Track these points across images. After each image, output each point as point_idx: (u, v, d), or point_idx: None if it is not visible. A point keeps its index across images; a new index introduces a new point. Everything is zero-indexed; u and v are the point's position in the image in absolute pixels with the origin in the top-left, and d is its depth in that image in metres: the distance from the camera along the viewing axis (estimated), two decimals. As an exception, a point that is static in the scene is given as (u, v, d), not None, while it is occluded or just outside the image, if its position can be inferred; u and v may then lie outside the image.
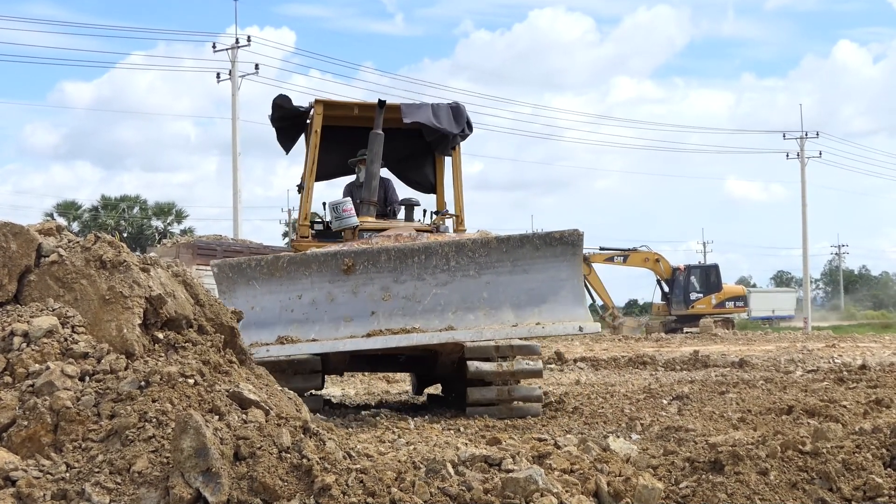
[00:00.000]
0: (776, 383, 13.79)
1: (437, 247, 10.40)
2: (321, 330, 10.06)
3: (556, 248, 10.40)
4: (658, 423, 9.45)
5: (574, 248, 10.49)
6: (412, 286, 10.31)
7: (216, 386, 5.62)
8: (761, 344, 31.80)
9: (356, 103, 14.03)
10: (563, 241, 10.42)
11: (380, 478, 5.11)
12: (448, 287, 10.30)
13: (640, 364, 20.26)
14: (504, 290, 10.32)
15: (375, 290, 10.32)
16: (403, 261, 10.31)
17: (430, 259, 10.31)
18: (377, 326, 10.18)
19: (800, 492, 5.74)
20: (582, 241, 10.61)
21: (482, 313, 10.25)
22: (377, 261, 10.32)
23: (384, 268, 10.31)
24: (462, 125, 13.21)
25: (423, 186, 14.55)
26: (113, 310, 5.96)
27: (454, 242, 10.48)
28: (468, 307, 10.29)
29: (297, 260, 10.49)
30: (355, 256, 10.33)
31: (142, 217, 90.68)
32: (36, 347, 5.63)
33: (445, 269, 10.31)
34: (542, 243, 10.43)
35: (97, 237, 6.27)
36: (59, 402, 5.28)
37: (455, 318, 10.24)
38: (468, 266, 10.32)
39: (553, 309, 10.28)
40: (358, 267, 10.33)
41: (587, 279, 52.80)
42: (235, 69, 55.09)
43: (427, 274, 10.31)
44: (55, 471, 5.03)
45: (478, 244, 10.41)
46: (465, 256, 10.34)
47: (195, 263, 35.07)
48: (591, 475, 5.78)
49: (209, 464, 4.82)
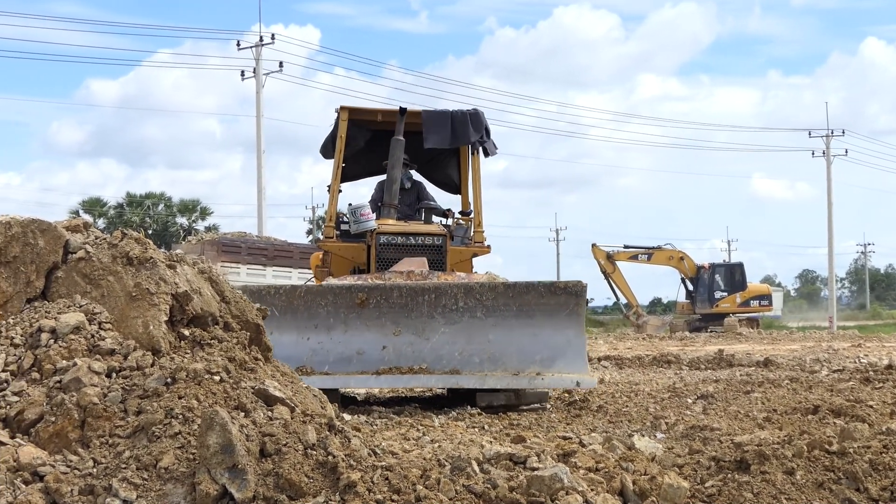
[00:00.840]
0: (802, 383, 13.73)
1: (446, 287, 10.89)
2: (335, 362, 10.39)
3: (560, 297, 10.86)
4: (683, 422, 9.42)
5: (577, 298, 10.90)
6: (422, 324, 10.73)
7: (242, 383, 5.63)
8: (786, 343, 31.70)
9: (379, 110, 14.58)
10: (567, 290, 10.92)
11: (405, 475, 5.11)
12: (456, 327, 10.73)
13: (665, 363, 20.20)
14: (508, 333, 10.76)
15: (387, 324, 10.75)
16: (414, 298, 10.77)
17: (440, 299, 10.78)
18: (388, 360, 10.60)
19: (826, 492, 5.72)
20: (585, 292, 11.01)
21: (486, 357, 10.68)
22: (389, 297, 10.77)
23: (396, 304, 10.75)
24: (480, 132, 13.70)
25: (449, 187, 15.23)
26: (139, 306, 5.98)
27: (463, 285, 10.99)
28: (474, 348, 10.71)
29: (314, 291, 10.98)
30: (369, 291, 10.80)
31: (167, 214, 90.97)
32: (63, 344, 5.66)
33: (454, 310, 10.76)
34: (547, 291, 10.90)
35: (124, 234, 6.30)
36: (86, 399, 5.29)
37: (461, 358, 10.66)
38: (475, 308, 10.77)
39: (554, 358, 10.73)
40: (371, 301, 10.78)
41: (611, 277, 52.89)
42: (260, 67, 55.31)
43: (437, 313, 10.75)
44: (82, 466, 5.05)
45: (485, 288, 10.92)
46: (473, 298, 10.81)
47: (220, 260, 35.25)
48: (617, 474, 5.77)
49: (235, 460, 4.84)
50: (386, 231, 12.78)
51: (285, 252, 40.86)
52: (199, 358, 5.79)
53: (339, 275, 13.34)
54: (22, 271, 6.01)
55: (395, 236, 12.75)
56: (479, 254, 13.71)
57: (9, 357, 5.66)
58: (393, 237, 12.73)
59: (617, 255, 53.51)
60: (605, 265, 53.04)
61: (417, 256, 12.54)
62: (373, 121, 14.10)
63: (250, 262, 39.00)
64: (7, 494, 4.87)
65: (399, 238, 12.74)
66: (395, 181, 13.33)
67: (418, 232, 12.90)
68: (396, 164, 13.30)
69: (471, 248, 13.61)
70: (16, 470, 5.03)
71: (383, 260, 12.59)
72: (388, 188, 13.40)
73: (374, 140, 14.08)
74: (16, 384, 5.52)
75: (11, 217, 6.07)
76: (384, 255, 12.63)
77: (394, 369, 10.42)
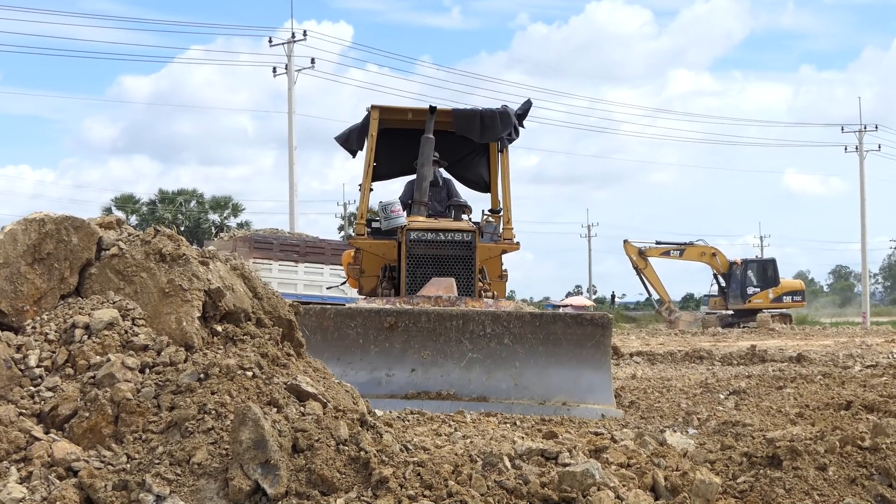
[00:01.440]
0: (834, 378, 13.67)
1: (474, 314, 10.88)
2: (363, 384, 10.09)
3: (587, 328, 10.83)
4: (715, 418, 9.40)
5: (603, 329, 10.85)
6: (450, 349, 10.73)
7: (274, 378, 5.66)
8: (819, 339, 31.58)
9: (410, 109, 14.73)
10: (594, 322, 10.92)
11: (437, 471, 5.12)
12: (483, 352, 10.71)
13: (697, 358, 20.15)
14: (535, 361, 10.71)
15: (416, 348, 10.75)
16: (443, 323, 10.77)
17: (468, 325, 10.78)
18: (416, 384, 10.62)
19: (859, 487, 5.70)
20: (611, 325, 11.06)
21: (513, 384, 10.63)
22: (418, 321, 10.78)
23: (424, 328, 10.76)
24: (509, 129, 13.77)
25: (479, 185, 15.26)
26: (172, 302, 6.01)
27: (491, 313, 10.99)
28: (501, 375, 10.67)
29: (343, 313, 11.00)
30: (398, 315, 10.80)
31: (199, 211, 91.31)
32: (97, 340, 5.68)
33: (482, 335, 10.75)
34: (574, 322, 10.97)
35: (157, 230, 6.34)
36: (119, 394, 5.33)
37: (488, 383, 10.62)
38: (503, 335, 10.78)
39: (579, 389, 10.65)
40: (400, 325, 10.77)
41: (643, 273, 52.84)
42: (292, 63, 55.47)
43: (465, 338, 10.74)
44: (116, 462, 5.09)
45: (513, 316, 10.93)
46: (500, 325, 10.79)
47: (252, 257, 35.30)
48: (648, 469, 5.76)
49: (268, 456, 4.86)
50: (416, 227, 12.84)
51: (317, 248, 40.86)
52: (231, 354, 5.81)
53: (371, 272, 13.56)
54: (56, 268, 6.02)
55: (425, 232, 12.78)
56: (508, 250, 13.72)
57: (43, 353, 5.68)
58: (423, 233, 12.77)
59: (649, 251, 53.49)
60: (637, 261, 53.03)
61: (447, 252, 12.68)
62: (403, 119, 14.25)
63: (282, 258, 39.00)
64: (42, 489, 4.91)
65: (429, 234, 12.77)
66: (425, 179, 13.46)
67: (448, 228, 12.91)
68: (426, 162, 13.42)
69: (500, 244, 13.63)
70: (50, 465, 5.07)
71: (413, 256, 12.68)
72: (417, 186, 13.53)
73: (405, 139, 14.15)
74: (50, 380, 5.55)
75: (45, 214, 6.09)
76: (414, 252, 12.69)
77: (422, 394, 10.45)
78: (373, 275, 13.56)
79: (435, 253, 12.71)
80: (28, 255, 5.94)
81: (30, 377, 5.57)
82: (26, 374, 5.57)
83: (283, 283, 36.01)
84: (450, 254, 12.74)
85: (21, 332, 5.83)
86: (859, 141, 73.95)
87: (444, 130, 13.92)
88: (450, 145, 14.22)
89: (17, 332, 5.83)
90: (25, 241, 5.94)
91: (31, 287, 5.96)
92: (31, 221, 6.02)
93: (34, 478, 4.98)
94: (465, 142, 14.23)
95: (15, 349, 5.67)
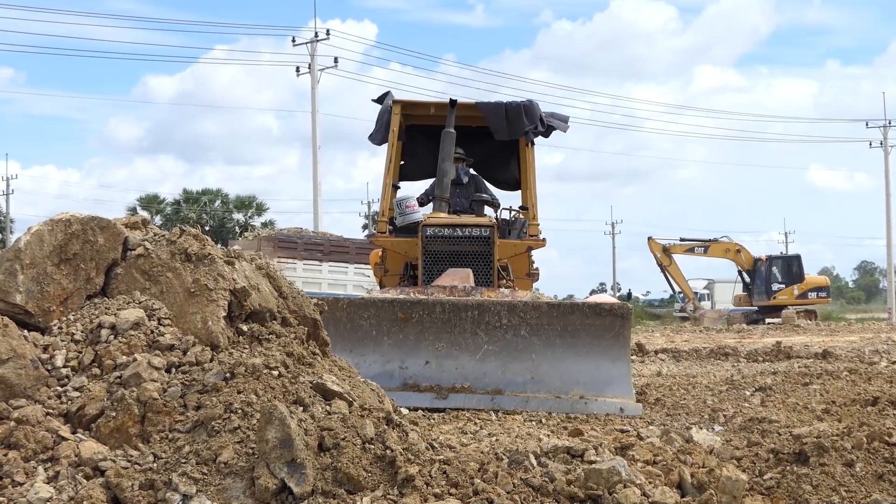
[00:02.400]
0: (861, 374, 13.61)
1: (490, 305, 10.51)
2: (377, 376, 9.78)
3: (605, 318, 10.47)
4: (741, 415, 9.37)
5: (622, 320, 10.50)
6: (465, 340, 10.39)
7: (300, 377, 5.67)
8: (845, 335, 31.46)
9: (432, 103, 14.30)
10: (613, 313, 10.54)
11: (463, 469, 5.13)
12: (499, 344, 10.37)
13: (722, 355, 20.09)
14: (552, 353, 10.39)
15: (430, 340, 10.49)
16: (458, 314, 10.43)
17: (483, 315, 10.42)
18: (431, 376, 10.35)
19: (886, 483, 5.69)
20: (630, 315, 10.73)
21: (529, 376, 10.30)
22: (432, 312, 10.44)
23: (439, 319, 10.42)
24: (534, 122, 13.47)
25: (508, 184, 14.93)
26: (198, 302, 6.04)
27: (507, 303, 10.62)
28: (517, 367, 10.34)
29: (356, 304, 10.76)
30: (411, 306, 10.49)
31: (223, 210, 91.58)
32: (123, 339, 5.71)
33: (497, 327, 10.39)
34: (592, 313, 10.51)
35: (182, 230, 6.36)
36: (146, 394, 5.35)
37: (503, 376, 10.29)
38: (519, 326, 10.40)
39: (598, 382, 10.33)
40: (414, 316, 10.48)
41: (668, 270, 52.75)
42: (315, 63, 55.64)
43: (480, 329, 10.41)
44: (143, 461, 5.11)
45: (529, 307, 10.53)
46: (516, 316, 10.42)
47: (277, 256, 35.38)
48: (675, 466, 5.76)
49: (294, 454, 4.88)
50: (432, 223, 12.56)
51: (341, 247, 40.99)
52: (257, 353, 5.84)
53: (394, 270, 13.33)
54: (82, 268, 6.04)
55: (441, 228, 12.48)
56: (534, 247, 13.47)
57: (70, 353, 5.71)
58: (440, 229, 12.47)
59: (673, 247, 53.37)
60: (662, 258, 52.93)
61: (465, 248, 12.41)
62: (426, 115, 14.01)
63: (306, 257, 39.12)
64: (69, 489, 4.93)
65: (446, 230, 12.47)
66: (447, 175, 13.12)
67: (465, 224, 12.56)
68: (447, 157, 13.08)
69: (525, 241, 13.40)
70: (77, 465, 5.09)
71: (430, 253, 12.44)
72: (438, 182, 13.22)
73: (433, 138, 13.72)
74: (76, 380, 5.57)
75: (71, 215, 6.11)
76: (430, 248, 12.45)
77: (436, 387, 10.20)
78: (396, 273, 13.35)
79: (452, 249, 12.45)
80: (54, 255, 5.96)
81: (56, 377, 5.59)
82: (53, 374, 5.59)
83: (308, 283, 36.11)
84: (467, 249, 12.44)
85: (48, 332, 5.84)
86: (884, 136, 73.80)
87: (469, 126, 13.75)
88: (477, 142, 14.01)
89: (44, 332, 5.84)
90: (52, 242, 5.96)
91: (58, 287, 5.98)
92: (58, 222, 6.03)
93: (61, 477, 5.00)
94: (492, 140, 13.93)
95: (42, 349, 5.69)
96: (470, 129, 13.86)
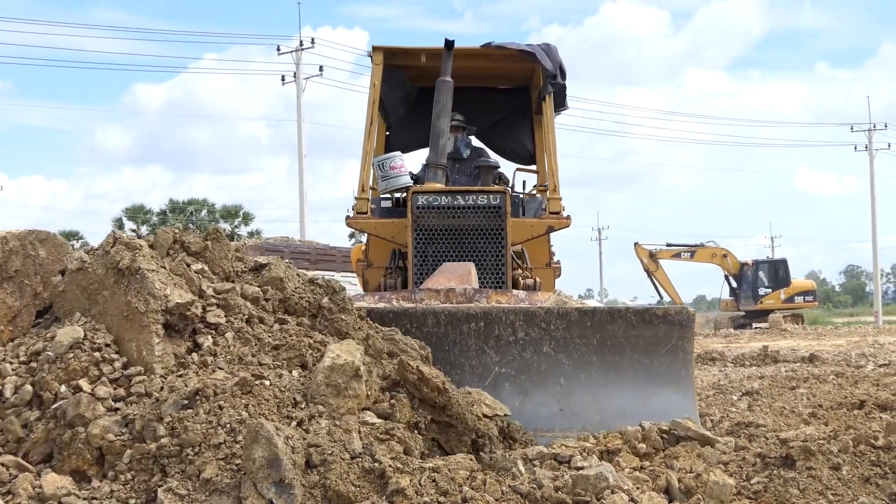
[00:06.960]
0: (847, 378, 13.64)
1: (500, 313, 7.65)
2: None
3: (659, 327, 7.74)
4: (728, 419, 9.39)
5: (681, 329, 7.81)
6: (468, 361, 7.56)
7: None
8: (831, 339, 31.49)
9: (423, 49, 11.04)
10: (668, 319, 7.77)
11: (452, 477, 5.12)
12: (514, 366, 7.55)
13: (709, 360, 20.11)
14: (587, 377, 7.61)
15: None
16: (457, 327, 7.58)
17: (492, 328, 7.57)
18: None
19: (873, 486, 5.70)
20: (692, 322, 7.96)
21: (557, 408, 7.50)
22: (423, 325, 7.56)
23: (432, 334, 7.52)
24: (558, 65, 11.01)
25: (520, 157, 12.37)
26: (132, 328, 5.54)
27: (523, 310, 7.72)
28: (540, 396, 7.53)
29: None
30: (395, 316, 7.56)
31: (209, 220, 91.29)
32: (60, 366, 5.37)
33: (511, 343, 7.57)
34: (640, 321, 7.73)
35: (115, 239, 5.82)
36: (96, 440, 5.09)
37: (522, 409, 7.38)
38: (541, 341, 7.59)
39: (650, 414, 7.34)
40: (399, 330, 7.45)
41: (655, 276, 52.84)
42: (300, 72, 55.69)
43: (488, 347, 7.55)
44: (100, 494, 4.92)
45: (553, 315, 7.63)
46: (537, 328, 7.59)
47: (263, 265, 35.32)
48: (662, 472, 5.78)
49: (282, 475, 4.79)
50: (426, 190, 9.94)
51: (328, 256, 40.93)
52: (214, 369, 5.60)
53: (379, 262, 10.72)
54: (27, 284, 5.89)
55: (437, 196, 9.85)
56: (556, 227, 10.56)
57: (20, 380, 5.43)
58: (434, 198, 9.84)
59: (660, 253, 53.48)
60: (648, 264, 53.03)
61: (468, 223, 9.83)
62: (416, 65, 11.07)
63: (293, 266, 39.10)
64: None
65: (443, 198, 9.85)
66: (443, 135, 10.22)
67: (468, 191, 9.97)
68: (443, 112, 10.20)
69: (545, 219, 10.53)
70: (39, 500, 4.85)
71: (422, 230, 9.81)
72: (433, 144, 10.26)
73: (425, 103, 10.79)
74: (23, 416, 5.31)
75: (7, 231, 5.94)
76: (423, 223, 9.81)
77: None
78: (380, 266, 10.65)
79: (451, 224, 9.80)
80: (-5, 274, 5.65)
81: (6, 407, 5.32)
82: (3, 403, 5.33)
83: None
84: (471, 224, 9.81)
85: (-5, 356, 5.52)
86: (869, 140, 73.94)
87: (471, 87, 11.18)
88: (480, 107, 11.56)
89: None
90: (-9, 262, 5.66)
91: (3, 306, 5.82)
92: (-7, 241, 5.72)
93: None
94: (500, 103, 11.79)
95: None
96: (470, 90, 11.29)
